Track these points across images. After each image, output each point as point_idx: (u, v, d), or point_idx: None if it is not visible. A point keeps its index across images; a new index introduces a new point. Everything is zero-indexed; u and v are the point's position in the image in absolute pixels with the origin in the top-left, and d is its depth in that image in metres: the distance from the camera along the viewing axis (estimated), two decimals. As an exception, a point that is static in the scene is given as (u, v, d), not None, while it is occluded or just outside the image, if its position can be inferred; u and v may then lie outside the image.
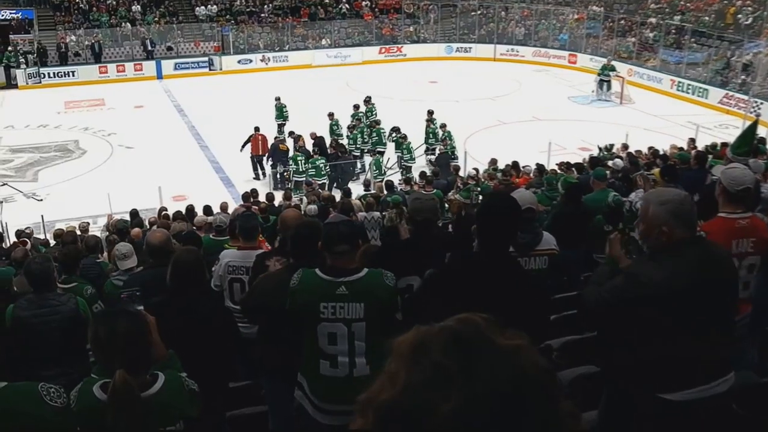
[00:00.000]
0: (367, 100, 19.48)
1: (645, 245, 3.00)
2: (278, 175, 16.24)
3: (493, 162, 14.51)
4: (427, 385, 0.96)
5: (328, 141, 17.11)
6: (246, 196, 12.36)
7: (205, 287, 3.78)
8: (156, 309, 2.89)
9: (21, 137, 20.85)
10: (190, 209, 10.93)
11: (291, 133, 17.42)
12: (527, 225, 4.26)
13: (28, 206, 15.35)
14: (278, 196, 12.75)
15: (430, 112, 18.50)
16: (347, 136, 17.78)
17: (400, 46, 34.07)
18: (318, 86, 23.60)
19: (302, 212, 8.46)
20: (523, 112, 22.64)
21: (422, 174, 14.27)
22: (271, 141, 17.05)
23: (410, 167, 16.44)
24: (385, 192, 12.28)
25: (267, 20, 33.57)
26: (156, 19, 32.08)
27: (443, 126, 17.86)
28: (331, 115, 18.29)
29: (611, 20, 30.24)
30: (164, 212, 11.46)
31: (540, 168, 12.74)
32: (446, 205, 11.15)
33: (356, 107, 18.93)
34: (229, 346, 3.65)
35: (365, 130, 17.62)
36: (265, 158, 16.84)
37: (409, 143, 16.86)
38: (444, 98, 24.81)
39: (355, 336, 3.29)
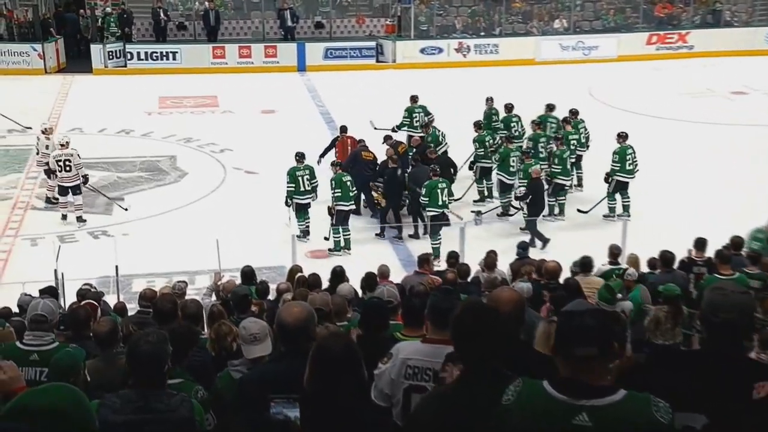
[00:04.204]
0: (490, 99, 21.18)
1: None
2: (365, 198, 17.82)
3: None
4: None
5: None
6: (424, 259, 12.73)
7: (361, 391, 4.00)
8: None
9: (92, 146, 22.20)
10: (339, 273, 11.38)
11: (387, 138, 18.63)
12: None
13: (93, 250, 16.48)
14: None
15: (574, 113, 19.38)
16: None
17: (683, 32, 33.75)
18: (541, 93, 23.77)
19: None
20: None
21: (700, 242, 13.80)
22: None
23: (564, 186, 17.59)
24: (646, 270, 12.11)
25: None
26: (301, -21, 33.76)
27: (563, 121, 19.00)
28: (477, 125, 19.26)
29: None
30: (299, 274, 11.92)
31: None
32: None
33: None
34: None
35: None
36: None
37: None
38: (755, 121, 24.13)
39: (599, 496, 3.31)
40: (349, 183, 16.50)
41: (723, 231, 13.25)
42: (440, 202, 16.33)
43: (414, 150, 18.53)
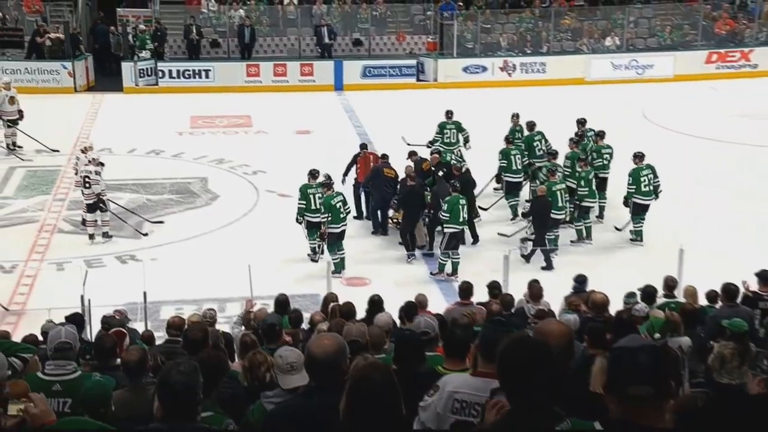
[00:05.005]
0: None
1: None
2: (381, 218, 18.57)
3: None
4: None
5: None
6: (466, 289, 12.70)
7: (401, 425, 3.96)
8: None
9: (121, 167, 22.48)
10: (376, 302, 11.32)
11: (412, 154, 19.00)
12: None
13: (121, 275, 16.58)
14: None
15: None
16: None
17: (746, 50, 33.48)
18: (591, 114, 23.60)
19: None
20: None
21: (764, 275, 13.54)
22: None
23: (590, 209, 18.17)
24: (705, 303, 11.94)
25: (515, 3, 34.43)
26: (340, -5, 33.88)
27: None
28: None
29: None
30: (332, 303, 11.90)
31: None
32: None
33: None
34: None
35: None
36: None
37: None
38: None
39: None
40: (339, 205, 16.77)
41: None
42: (461, 219, 16.53)
43: (435, 167, 18.73)
